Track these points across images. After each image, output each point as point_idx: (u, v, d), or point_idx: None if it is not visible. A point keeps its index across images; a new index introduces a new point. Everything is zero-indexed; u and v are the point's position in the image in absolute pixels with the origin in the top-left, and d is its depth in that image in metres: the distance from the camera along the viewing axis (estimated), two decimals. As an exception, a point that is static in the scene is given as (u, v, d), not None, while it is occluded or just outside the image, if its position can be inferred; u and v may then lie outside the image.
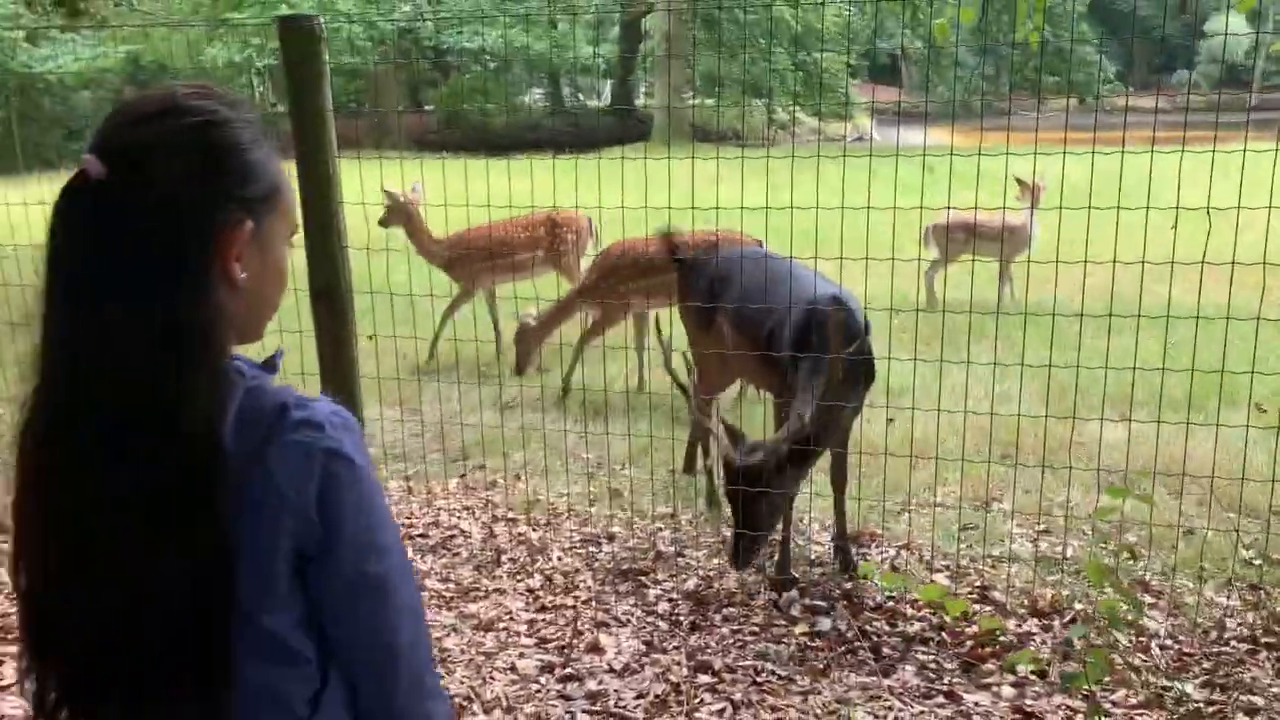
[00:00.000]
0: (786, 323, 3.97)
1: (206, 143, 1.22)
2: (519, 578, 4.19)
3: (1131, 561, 4.06)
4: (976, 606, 3.80)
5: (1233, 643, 3.56)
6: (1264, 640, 3.56)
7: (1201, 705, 3.20)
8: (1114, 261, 3.60)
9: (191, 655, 1.18)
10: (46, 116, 23.90)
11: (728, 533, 4.50)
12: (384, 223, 7.26)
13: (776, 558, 4.13)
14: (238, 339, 1.29)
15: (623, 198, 4.38)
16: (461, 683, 3.42)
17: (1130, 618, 3.44)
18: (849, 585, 4.03)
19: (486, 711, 3.28)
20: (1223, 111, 3.93)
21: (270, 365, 1.33)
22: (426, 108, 32.31)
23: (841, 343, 3.77)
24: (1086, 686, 2.58)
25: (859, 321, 4.00)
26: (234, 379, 1.24)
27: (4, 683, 3.45)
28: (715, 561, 4.26)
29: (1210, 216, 3.28)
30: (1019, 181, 8.49)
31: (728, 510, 4.00)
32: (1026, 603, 3.84)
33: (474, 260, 7.25)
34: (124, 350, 1.16)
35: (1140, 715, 3.17)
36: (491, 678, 3.46)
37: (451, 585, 4.13)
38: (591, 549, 4.43)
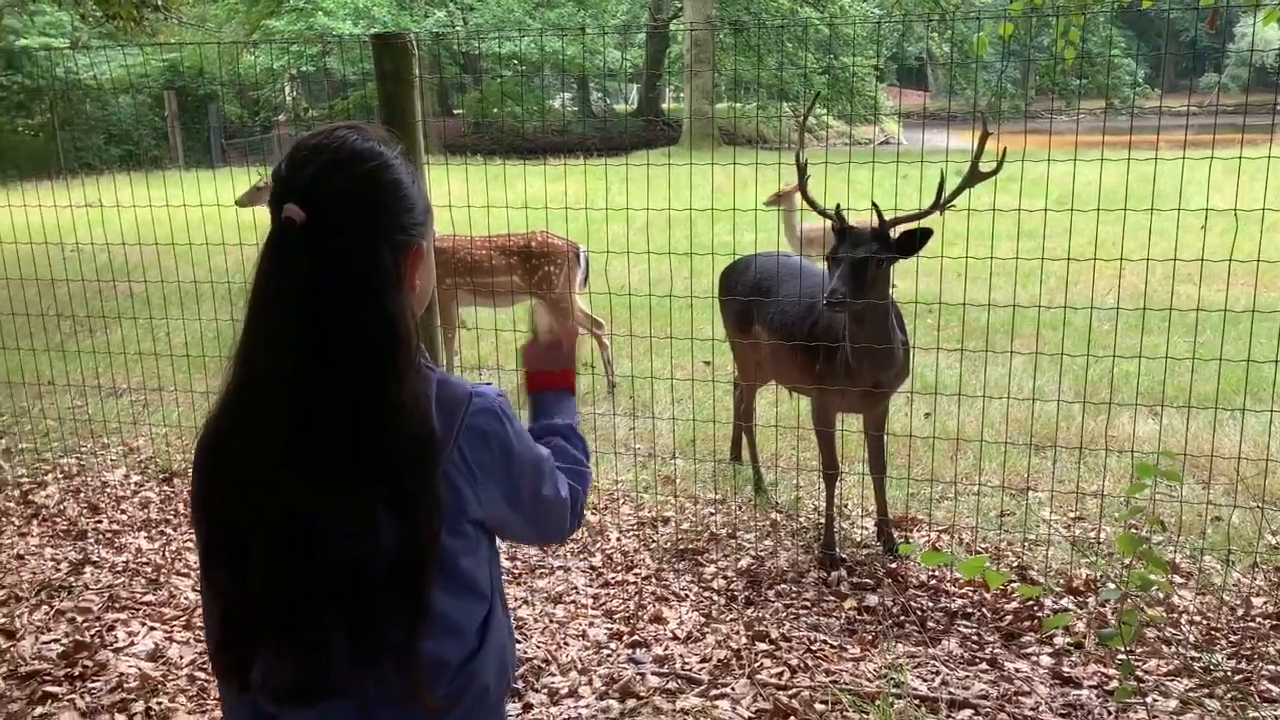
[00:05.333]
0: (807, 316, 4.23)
1: (381, 185, 1.46)
2: (581, 557, 4.46)
3: (1160, 539, 4.28)
4: (1015, 583, 4.04)
5: (1258, 619, 3.78)
6: (1288, 617, 3.78)
7: (1229, 673, 3.43)
8: (1147, 260, 3.83)
9: (405, 597, 1.42)
10: (87, 121, 24.51)
11: (775, 516, 4.77)
12: (242, 203, 7.01)
13: (823, 539, 4.39)
14: None
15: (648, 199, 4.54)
16: (538, 647, 3.70)
17: (1161, 592, 3.68)
18: (893, 565, 4.28)
19: (563, 673, 3.55)
20: (1251, 114, 4.14)
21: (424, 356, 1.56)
22: (457, 112, 32.73)
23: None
24: (1122, 645, 2.81)
25: None
26: (425, 371, 1.48)
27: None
28: (767, 542, 4.52)
29: (1237, 219, 3.52)
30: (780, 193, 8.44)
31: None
32: (1062, 582, 4.08)
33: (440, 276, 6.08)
34: (348, 347, 1.38)
35: (1171, 682, 3.42)
36: (565, 643, 3.74)
37: (519, 563, 4.40)
38: (648, 531, 4.70)
